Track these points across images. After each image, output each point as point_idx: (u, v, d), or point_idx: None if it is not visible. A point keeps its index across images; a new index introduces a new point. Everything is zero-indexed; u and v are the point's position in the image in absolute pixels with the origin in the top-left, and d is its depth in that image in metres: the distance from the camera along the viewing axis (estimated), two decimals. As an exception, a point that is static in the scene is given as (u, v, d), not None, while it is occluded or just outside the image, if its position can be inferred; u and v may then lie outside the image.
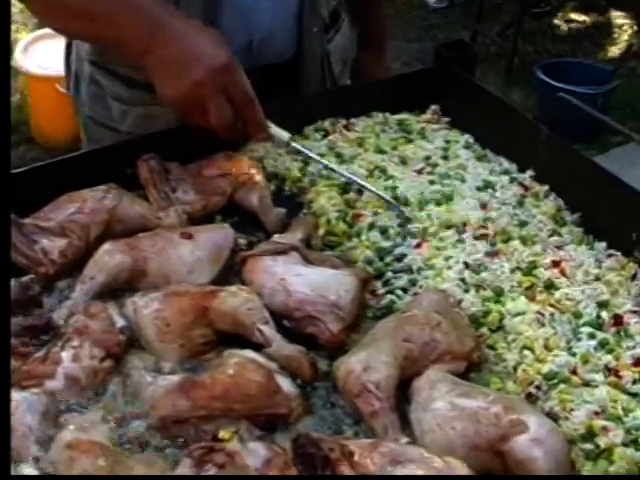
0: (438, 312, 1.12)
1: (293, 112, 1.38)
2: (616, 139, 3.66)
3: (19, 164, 1.34)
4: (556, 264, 1.25)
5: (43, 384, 1.01)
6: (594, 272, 1.25)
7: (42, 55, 3.62)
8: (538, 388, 1.06)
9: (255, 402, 1.00)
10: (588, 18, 5.19)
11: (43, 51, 3.63)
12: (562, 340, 1.13)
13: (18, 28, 4.28)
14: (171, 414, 0.98)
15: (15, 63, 3.58)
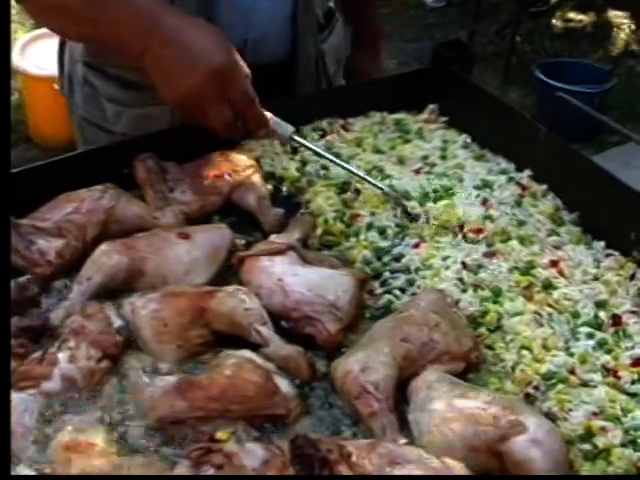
0: (436, 312, 1.12)
1: (290, 112, 1.37)
2: (614, 139, 3.66)
3: (17, 164, 1.32)
4: (554, 264, 1.25)
5: (40, 385, 1.01)
6: (592, 272, 1.25)
7: (39, 55, 3.61)
8: (536, 388, 1.06)
9: (253, 403, 1.00)
10: (586, 17, 5.18)
11: (40, 51, 3.62)
12: (560, 340, 1.13)
13: (16, 28, 4.27)
14: (168, 415, 0.98)
15: (12, 63, 3.57)
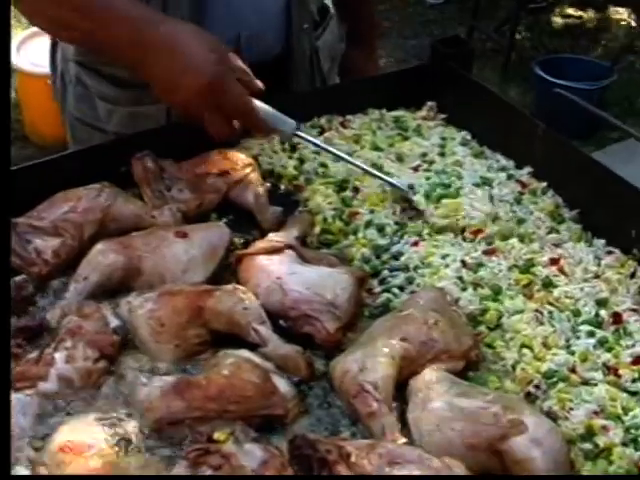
0: (435, 311, 1.11)
1: (289, 109, 1.36)
2: (614, 135, 3.65)
3: (13, 162, 1.32)
4: (554, 262, 1.24)
5: (36, 386, 1.00)
6: (593, 270, 1.24)
7: (35, 52, 3.57)
8: (537, 387, 1.05)
9: (251, 403, 0.99)
10: (585, 14, 5.17)
11: (36, 48, 3.59)
12: (561, 338, 1.12)
13: (12, 25, 4.26)
14: (166, 415, 0.97)
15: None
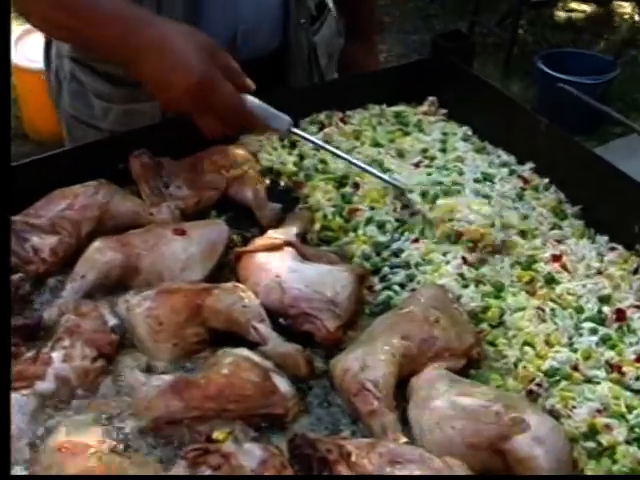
0: (436, 308, 1.10)
1: (288, 104, 1.35)
2: (617, 130, 3.63)
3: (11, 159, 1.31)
4: (557, 258, 1.23)
5: (34, 385, 0.99)
6: (595, 266, 1.23)
7: (32, 48, 3.54)
8: (539, 385, 1.04)
9: (250, 402, 0.98)
10: (588, 8, 5.15)
11: (33, 44, 3.56)
12: (563, 336, 1.11)
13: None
14: (164, 415, 0.97)
15: (8, 58, 3.54)
